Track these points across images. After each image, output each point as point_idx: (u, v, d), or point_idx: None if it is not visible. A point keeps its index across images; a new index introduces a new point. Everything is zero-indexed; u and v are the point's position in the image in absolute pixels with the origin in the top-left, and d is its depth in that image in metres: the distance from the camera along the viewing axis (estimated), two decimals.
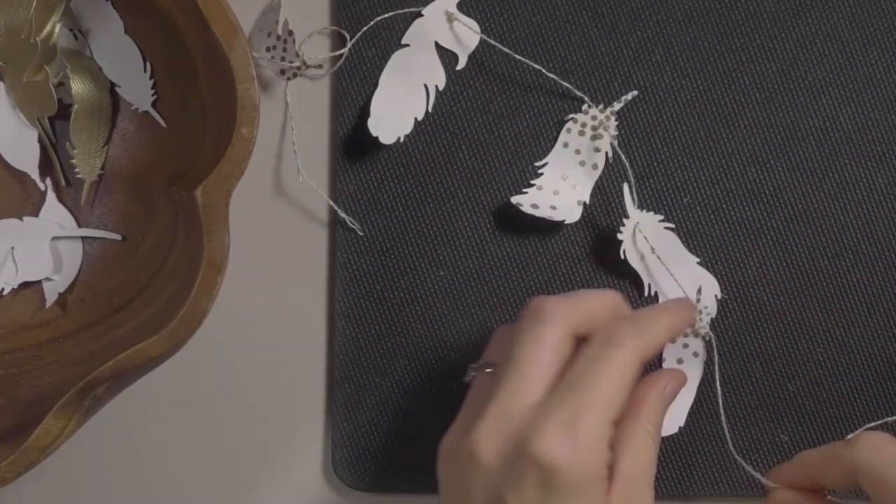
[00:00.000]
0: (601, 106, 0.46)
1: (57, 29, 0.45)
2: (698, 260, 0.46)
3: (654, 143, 0.47)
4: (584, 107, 0.46)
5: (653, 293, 0.46)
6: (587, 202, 0.46)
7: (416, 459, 0.48)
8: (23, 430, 0.40)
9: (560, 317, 0.39)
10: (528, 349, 0.38)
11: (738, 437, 0.47)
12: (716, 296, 0.46)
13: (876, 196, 0.47)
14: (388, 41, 0.47)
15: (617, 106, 0.46)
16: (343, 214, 0.47)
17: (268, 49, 0.46)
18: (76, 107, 0.46)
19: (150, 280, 0.46)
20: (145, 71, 0.46)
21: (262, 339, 0.49)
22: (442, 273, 0.47)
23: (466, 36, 0.47)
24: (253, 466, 0.49)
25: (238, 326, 0.49)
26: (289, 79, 0.47)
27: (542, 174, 0.47)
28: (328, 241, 0.48)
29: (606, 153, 0.46)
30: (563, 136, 0.47)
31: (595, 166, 0.46)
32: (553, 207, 0.46)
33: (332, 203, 0.48)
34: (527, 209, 0.45)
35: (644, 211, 0.46)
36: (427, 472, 0.47)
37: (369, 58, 0.47)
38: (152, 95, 0.47)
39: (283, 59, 0.46)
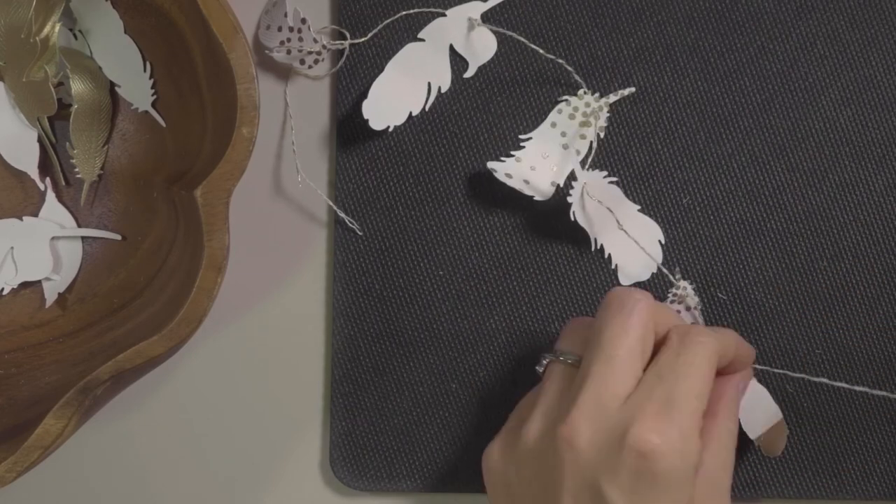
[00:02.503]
0: (597, 94, 0.46)
1: (57, 29, 0.45)
2: (639, 207, 0.47)
3: (653, 144, 0.47)
4: (581, 92, 0.46)
5: (599, 246, 0.46)
6: (561, 185, 0.46)
7: (415, 459, 0.48)
8: (23, 430, 0.40)
9: (645, 308, 0.39)
10: (617, 338, 0.39)
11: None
12: (660, 241, 0.47)
13: (875, 197, 0.47)
14: (389, 42, 0.47)
15: (612, 98, 0.46)
16: (342, 214, 0.47)
17: (282, 43, 0.46)
18: (76, 107, 0.46)
19: (150, 280, 0.46)
20: (145, 71, 0.46)
21: (261, 338, 0.49)
22: (441, 273, 0.47)
23: (483, 46, 0.47)
24: (251, 465, 0.49)
25: (237, 326, 0.49)
26: (310, 66, 0.47)
27: (523, 147, 0.47)
28: (327, 240, 0.48)
29: (591, 141, 0.46)
30: (552, 116, 0.47)
31: (577, 152, 0.46)
32: (526, 182, 0.46)
33: (331, 203, 0.48)
34: (500, 177, 0.46)
35: (590, 170, 0.46)
36: (426, 471, 0.48)
37: (369, 57, 0.47)
38: (152, 95, 0.47)
39: (300, 49, 0.46)
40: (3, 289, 0.47)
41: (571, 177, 0.46)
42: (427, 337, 0.48)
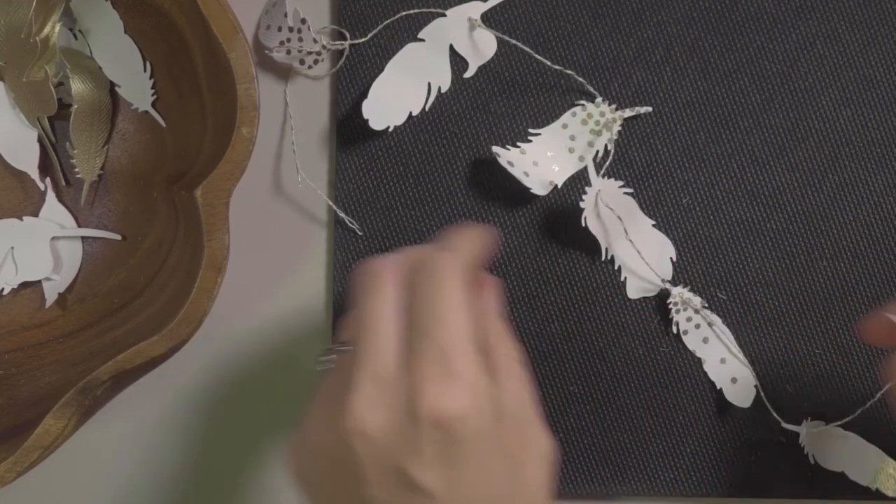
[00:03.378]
0: (613, 105, 0.46)
1: (57, 29, 0.45)
2: (653, 223, 0.47)
3: (653, 144, 0.47)
4: (598, 100, 0.46)
5: (609, 257, 0.46)
6: (559, 186, 0.46)
7: None
8: (23, 430, 0.40)
9: (387, 267, 0.37)
10: (370, 309, 0.36)
11: (737, 437, 0.47)
12: (671, 258, 0.47)
13: (875, 197, 0.47)
14: (389, 42, 0.47)
15: (628, 113, 0.46)
16: (342, 214, 0.47)
17: (282, 43, 0.46)
18: (76, 107, 0.46)
19: (150, 280, 0.46)
20: (145, 71, 0.46)
21: (261, 338, 0.49)
22: None
23: (483, 46, 0.47)
24: (251, 466, 0.49)
25: (237, 326, 0.49)
26: (310, 66, 0.47)
27: (531, 141, 0.47)
28: (327, 240, 0.48)
29: (598, 151, 0.46)
30: (565, 118, 0.47)
31: (581, 158, 0.46)
32: (526, 174, 0.46)
33: (331, 203, 0.48)
34: (502, 162, 0.46)
35: (605, 178, 0.46)
36: None
37: (369, 57, 0.47)
38: (152, 95, 0.47)
39: (300, 49, 0.46)
40: (3, 289, 0.47)
41: (586, 182, 0.46)
42: None
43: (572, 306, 0.47)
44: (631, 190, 0.46)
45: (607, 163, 0.46)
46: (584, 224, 0.45)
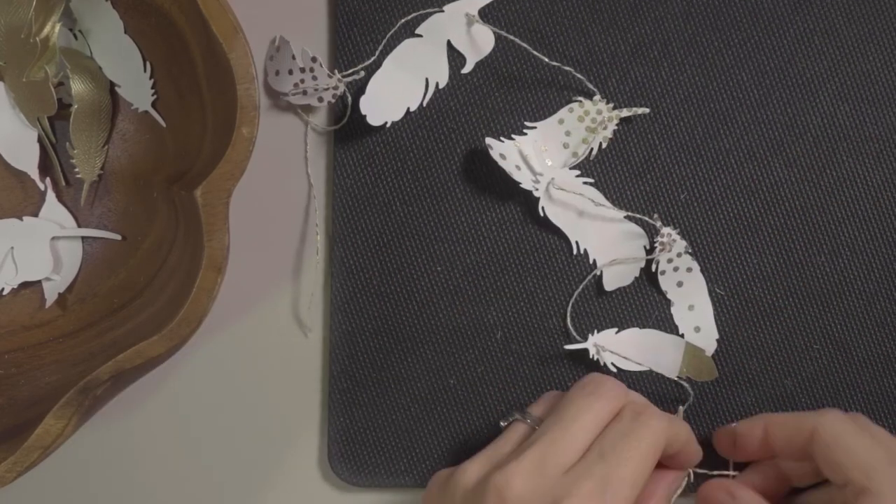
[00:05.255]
0: (611, 105, 0.46)
1: (57, 29, 0.45)
2: (626, 214, 0.47)
3: (651, 140, 0.47)
4: (596, 98, 0.46)
5: (582, 251, 0.47)
6: (554, 180, 0.46)
7: (413, 454, 0.48)
8: (23, 430, 0.40)
9: (615, 397, 0.41)
10: (579, 412, 0.40)
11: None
12: (644, 247, 0.47)
13: (873, 192, 0.47)
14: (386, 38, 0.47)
15: (625, 112, 0.46)
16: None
17: (296, 85, 0.46)
18: (76, 107, 0.46)
19: (150, 280, 0.46)
20: (145, 71, 0.46)
21: (260, 337, 0.49)
22: (439, 268, 0.48)
23: (480, 42, 0.47)
24: (251, 463, 0.49)
25: (237, 326, 0.49)
26: (330, 102, 0.47)
27: (525, 134, 0.47)
28: (326, 238, 0.49)
29: (591, 148, 0.46)
30: (562, 113, 0.47)
31: (575, 154, 0.46)
32: (518, 168, 0.46)
33: (329, 200, 0.48)
34: (494, 155, 0.46)
35: (559, 167, 0.46)
36: (424, 468, 0.48)
37: (367, 54, 0.47)
38: (152, 95, 0.47)
39: (315, 88, 0.46)
40: (3, 289, 0.47)
41: (538, 173, 0.46)
42: (425, 332, 0.48)
43: (569, 298, 0.47)
44: (592, 180, 0.47)
45: (591, 156, 0.47)
46: (542, 214, 0.46)
